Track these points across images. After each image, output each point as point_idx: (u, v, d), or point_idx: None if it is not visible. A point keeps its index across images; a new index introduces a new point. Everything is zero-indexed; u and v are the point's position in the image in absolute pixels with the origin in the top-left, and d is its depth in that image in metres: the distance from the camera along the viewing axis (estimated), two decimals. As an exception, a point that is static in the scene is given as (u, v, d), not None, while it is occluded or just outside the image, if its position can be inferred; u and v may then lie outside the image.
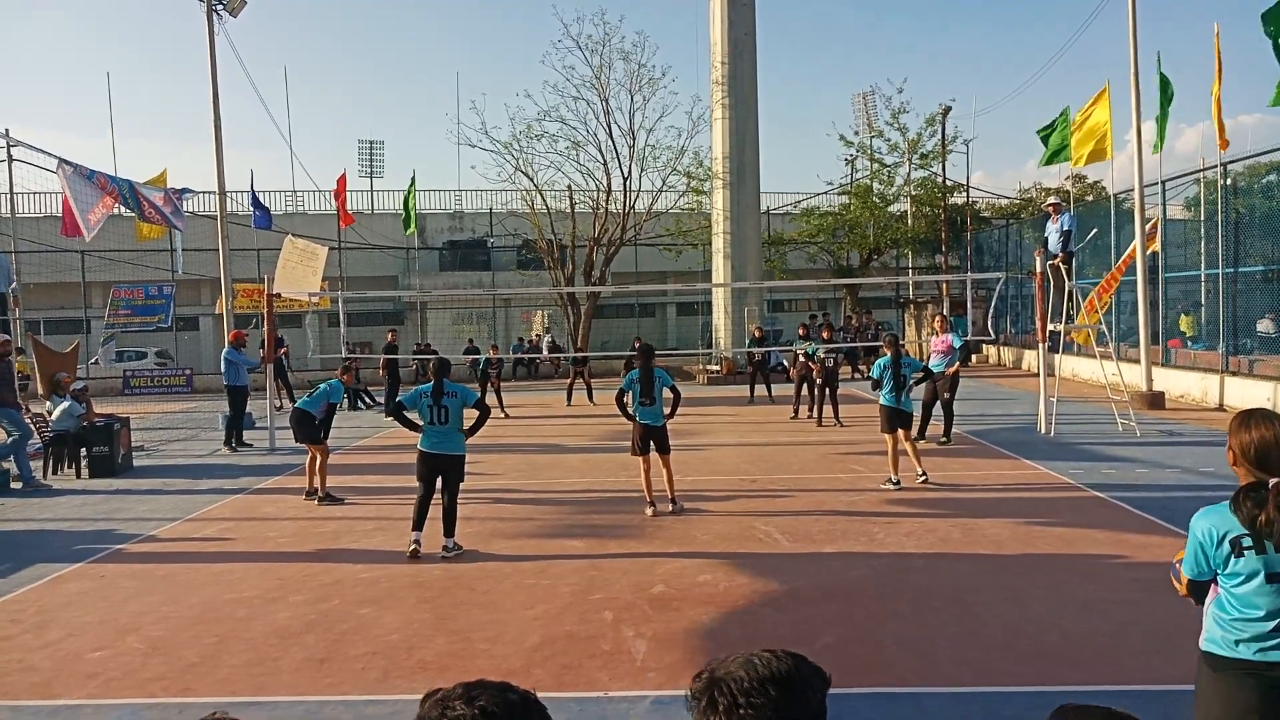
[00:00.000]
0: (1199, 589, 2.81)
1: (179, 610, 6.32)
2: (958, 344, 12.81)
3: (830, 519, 8.49)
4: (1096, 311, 15.74)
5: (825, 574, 6.77)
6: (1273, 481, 2.61)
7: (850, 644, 5.39)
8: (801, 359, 15.90)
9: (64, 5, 77.08)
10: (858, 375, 22.89)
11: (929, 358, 13.30)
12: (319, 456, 9.92)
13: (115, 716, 4.69)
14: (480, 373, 18.10)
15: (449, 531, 7.55)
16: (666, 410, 9.06)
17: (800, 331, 18.35)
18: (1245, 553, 2.61)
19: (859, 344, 23.93)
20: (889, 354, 10.12)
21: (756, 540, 7.83)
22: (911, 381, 10.16)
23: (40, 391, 14.17)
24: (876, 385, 10.07)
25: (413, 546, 7.46)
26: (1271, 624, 2.60)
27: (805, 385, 15.73)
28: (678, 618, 5.92)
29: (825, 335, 16.51)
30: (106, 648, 5.64)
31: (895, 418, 9.86)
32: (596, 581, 6.71)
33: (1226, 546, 2.64)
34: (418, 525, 7.56)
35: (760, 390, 18.92)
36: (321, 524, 8.91)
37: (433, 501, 7.69)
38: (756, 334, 20.91)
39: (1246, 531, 2.61)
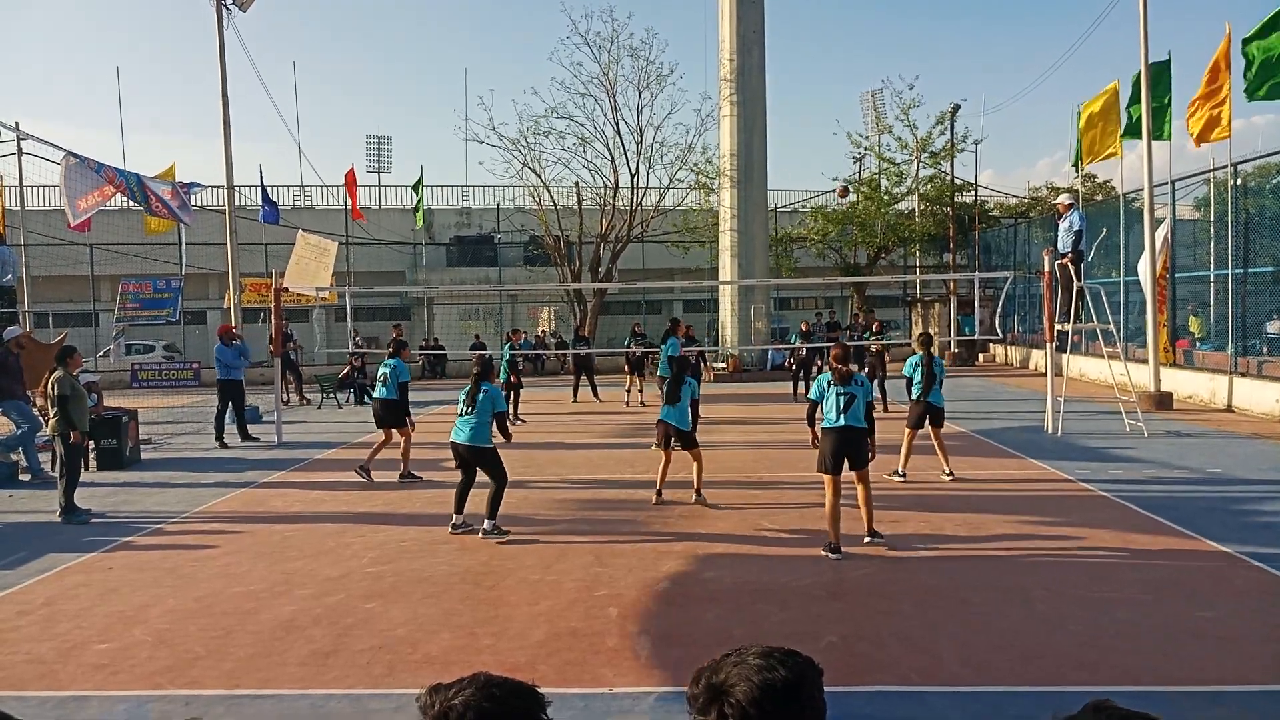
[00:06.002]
0: (815, 406, 7.40)
1: (185, 603, 6.35)
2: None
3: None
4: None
5: (830, 572, 6.77)
6: (836, 368, 7.39)
7: (854, 642, 5.39)
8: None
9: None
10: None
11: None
12: (404, 439, 10.55)
13: (121, 708, 4.71)
14: (507, 361, 15.95)
15: (488, 515, 8.01)
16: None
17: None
18: (832, 386, 7.28)
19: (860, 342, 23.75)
20: (920, 352, 10.35)
21: (761, 538, 7.83)
22: (942, 377, 10.36)
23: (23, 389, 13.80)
24: (910, 383, 10.33)
25: (450, 529, 8.09)
26: (834, 412, 7.24)
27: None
28: (682, 615, 5.93)
29: (834, 334, 16.48)
30: (113, 639, 5.66)
31: (927, 413, 10.09)
32: (601, 578, 6.72)
33: (827, 385, 7.33)
34: (458, 509, 8.20)
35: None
36: (327, 518, 8.93)
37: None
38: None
39: (832, 379, 7.32)
